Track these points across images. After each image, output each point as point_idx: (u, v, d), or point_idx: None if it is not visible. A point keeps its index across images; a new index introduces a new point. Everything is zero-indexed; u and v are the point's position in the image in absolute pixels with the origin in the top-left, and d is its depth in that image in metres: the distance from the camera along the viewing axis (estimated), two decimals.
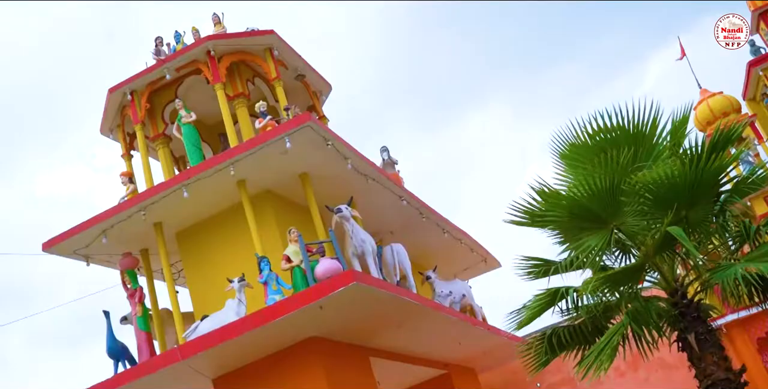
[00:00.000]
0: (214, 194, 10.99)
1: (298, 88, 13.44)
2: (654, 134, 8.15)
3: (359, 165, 11.35)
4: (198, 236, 11.68)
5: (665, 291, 8.04)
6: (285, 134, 10.11)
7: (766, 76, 16.90)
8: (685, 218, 7.48)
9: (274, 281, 10.09)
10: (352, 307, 9.88)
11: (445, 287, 13.69)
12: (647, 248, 7.69)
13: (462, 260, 16.30)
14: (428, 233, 14.29)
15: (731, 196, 7.86)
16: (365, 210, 12.17)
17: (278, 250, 10.49)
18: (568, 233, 8.04)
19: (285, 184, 11.28)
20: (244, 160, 10.40)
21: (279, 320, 9.32)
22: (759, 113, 18.13)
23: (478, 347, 14.41)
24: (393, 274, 12.21)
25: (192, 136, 11.46)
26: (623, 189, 7.45)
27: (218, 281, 10.60)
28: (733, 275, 6.95)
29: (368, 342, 11.49)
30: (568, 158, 8.49)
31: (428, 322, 11.76)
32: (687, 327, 7.75)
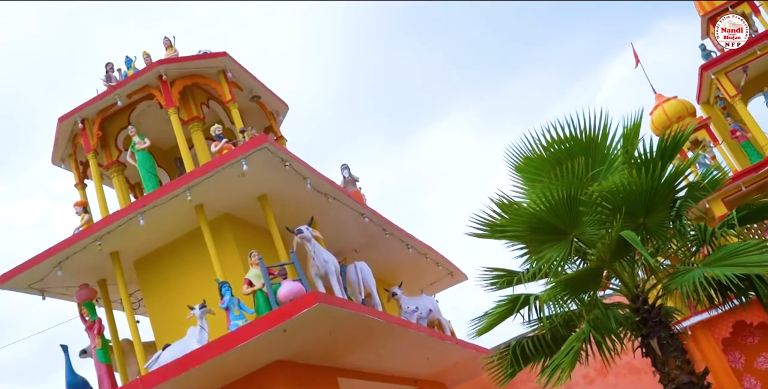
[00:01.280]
0: (171, 221, 10.99)
1: (255, 110, 13.50)
2: (606, 142, 8.35)
3: (319, 185, 11.43)
4: (157, 264, 11.64)
5: (627, 297, 8.22)
6: (242, 157, 10.14)
7: (718, 80, 17.41)
8: (643, 224, 7.66)
9: (236, 307, 10.06)
10: (317, 328, 9.93)
11: (411, 303, 13.78)
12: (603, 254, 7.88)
13: (428, 275, 16.45)
14: (393, 249, 14.42)
15: (686, 200, 8.07)
16: (327, 229, 12.27)
17: (240, 274, 10.50)
18: (529, 245, 8.17)
19: (244, 207, 11.32)
20: (201, 184, 10.42)
21: (242, 345, 9.31)
22: (713, 116, 18.66)
23: (448, 361, 14.54)
24: (358, 292, 12.30)
25: (147, 162, 11.44)
26: (581, 199, 7.61)
27: (179, 308, 10.57)
28: (691, 280, 7.13)
29: (336, 362, 11.53)
30: (525, 171, 8.66)
31: (395, 339, 11.84)
32: (649, 332, 7.91)
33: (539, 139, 8.49)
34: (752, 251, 7.30)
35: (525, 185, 8.69)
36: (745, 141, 17.61)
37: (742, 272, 7.04)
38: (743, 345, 16.29)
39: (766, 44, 17.01)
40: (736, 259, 7.26)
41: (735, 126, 17.85)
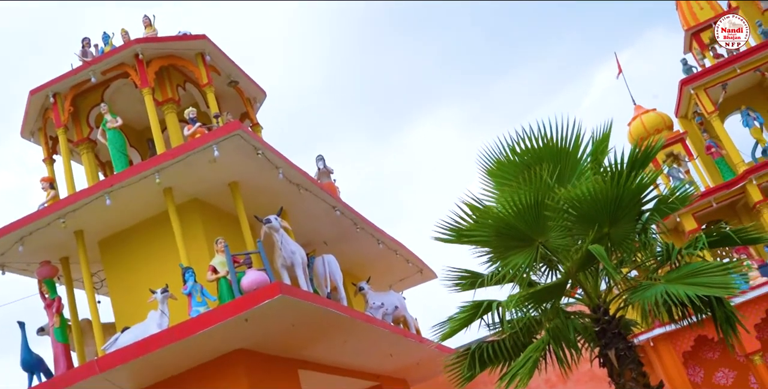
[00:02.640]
0: (139, 202, 10.75)
1: (232, 95, 13.25)
2: (578, 151, 8.26)
3: (291, 175, 11.24)
4: (122, 245, 11.39)
5: (588, 307, 8.14)
6: (213, 142, 9.95)
7: (698, 95, 17.39)
8: (607, 235, 7.58)
9: (198, 293, 9.91)
10: (279, 319, 9.80)
11: (377, 298, 13.66)
12: (570, 265, 7.75)
13: (397, 272, 16.29)
14: (363, 243, 14.26)
15: (653, 214, 8.00)
16: (298, 220, 12.09)
17: (205, 260, 10.32)
18: (495, 250, 8.05)
19: (213, 193, 11.10)
20: (171, 167, 10.20)
21: (202, 332, 9.19)
22: (690, 130, 18.69)
23: (410, 359, 14.44)
24: (324, 286, 12.15)
25: (117, 141, 11.17)
26: (548, 205, 7.50)
27: (141, 291, 10.37)
28: (653, 296, 7.08)
29: (297, 354, 11.39)
30: (495, 175, 8.55)
31: (358, 334, 11.73)
32: (607, 343, 7.83)
33: (511, 143, 8.36)
34: (715, 272, 7.28)
35: (495, 189, 8.58)
36: (720, 158, 17.66)
37: (704, 294, 6.98)
38: (704, 359, 16.37)
39: (746, 63, 17.04)
40: (698, 278, 7.22)
41: (710, 142, 17.89)
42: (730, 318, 7.63)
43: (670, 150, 18.19)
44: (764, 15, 18.34)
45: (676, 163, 18.44)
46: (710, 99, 17.25)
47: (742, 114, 17.64)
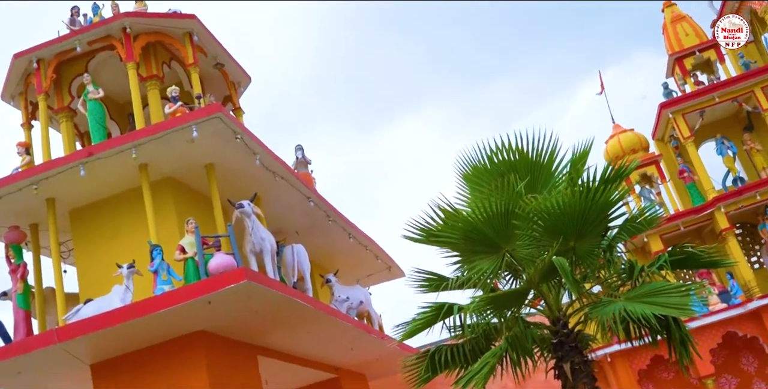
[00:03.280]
0: (113, 176, 10.53)
1: (217, 77, 13.06)
2: (552, 164, 8.20)
3: (268, 162, 11.09)
4: (93, 217, 11.14)
5: (548, 319, 8.07)
6: (193, 123, 9.80)
7: (675, 120, 17.40)
8: (573, 249, 7.50)
9: (164, 271, 9.82)
10: (243, 305, 9.68)
11: (343, 292, 13.50)
12: (534, 275, 7.67)
13: (366, 267, 16.15)
14: (334, 236, 14.12)
15: (620, 232, 7.93)
16: (271, 208, 11.93)
17: (174, 239, 10.15)
18: (463, 254, 7.99)
19: (189, 173, 10.90)
20: (149, 144, 10.02)
21: (165, 311, 9.09)
22: (665, 153, 18.70)
23: (371, 354, 14.31)
24: (291, 275, 12.03)
25: (97, 113, 10.93)
26: (517, 214, 7.43)
27: (108, 264, 10.18)
28: (611, 312, 7.01)
29: (258, 340, 11.26)
30: (470, 180, 8.46)
31: (321, 326, 11.61)
32: (564, 355, 7.77)
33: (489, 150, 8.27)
34: (674, 292, 7.22)
35: (469, 193, 8.51)
36: (691, 183, 17.69)
37: (661, 313, 6.93)
38: (658, 378, 16.41)
39: (725, 92, 17.08)
40: (657, 298, 7.16)
41: (684, 167, 17.92)
42: (685, 340, 7.61)
43: (644, 171, 18.19)
44: (747, 47, 18.43)
45: (648, 184, 18.45)
46: (687, 124, 17.26)
47: (716, 142, 17.68)
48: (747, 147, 17.49)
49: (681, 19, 18.53)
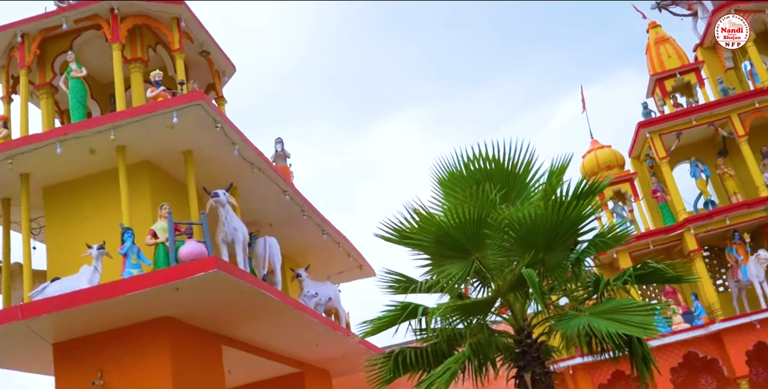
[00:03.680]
0: (90, 155, 10.34)
1: (202, 65, 12.89)
2: (527, 175, 8.16)
3: (246, 153, 10.97)
4: (66, 195, 10.93)
5: (513, 328, 8.02)
6: (174, 108, 9.66)
7: (652, 139, 17.47)
8: (542, 260, 7.45)
9: (134, 255, 9.67)
10: (211, 294, 9.58)
11: (313, 287, 13.40)
12: (502, 284, 7.63)
13: (338, 264, 16.06)
14: (308, 231, 14.01)
15: (589, 247, 7.90)
16: (246, 199, 11.82)
17: (147, 223, 10.02)
18: (433, 257, 7.91)
19: (167, 158, 10.75)
20: (128, 126, 9.85)
21: (132, 295, 9.00)
22: (640, 172, 18.77)
23: (336, 351, 14.22)
24: (261, 267, 11.92)
25: (79, 91, 10.73)
26: (489, 223, 7.38)
27: (78, 244, 10.01)
28: (575, 327, 6.99)
29: (224, 330, 11.15)
30: (446, 185, 8.38)
31: (288, 320, 11.52)
32: (525, 365, 7.69)
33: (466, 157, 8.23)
34: (638, 310, 7.18)
35: (443, 198, 8.45)
36: (663, 203, 17.75)
37: (624, 332, 6.90)
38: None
39: (702, 116, 17.16)
40: (621, 315, 7.11)
41: (657, 186, 17.99)
42: (646, 357, 7.57)
43: (618, 188, 18.24)
44: (726, 73, 18.61)
45: (621, 201, 18.51)
46: (663, 145, 17.34)
47: (691, 164, 17.77)
48: (720, 171, 17.60)
49: (664, 40, 18.62)
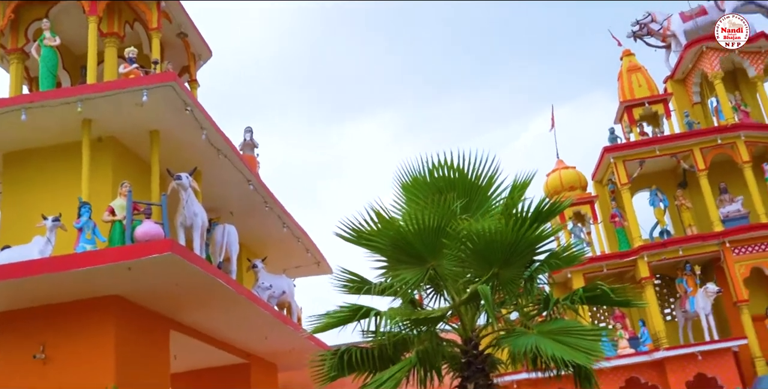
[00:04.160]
0: (55, 126, 10.05)
1: (178, 47, 12.67)
2: (489, 188, 8.09)
3: (214, 138, 10.76)
4: (26, 163, 10.61)
5: (461, 338, 7.95)
6: (145, 87, 9.44)
7: (615, 165, 17.63)
8: (496, 275, 7.36)
9: (90, 230, 9.44)
10: (164, 276, 9.40)
11: (268, 279, 13.22)
12: (454, 294, 7.59)
13: (296, 258, 15.86)
14: (268, 222, 13.80)
15: (543, 265, 7.85)
16: (209, 184, 11.60)
17: (105, 200, 9.75)
18: (389, 261, 7.79)
19: (132, 136, 10.49)
20: (96, 100, 9.59)
21: (83, 270, 8.78)
22: (601, 195, 18.92)
23: (285, 345, 14.04)
24: (218, 254, 11.72)
25: (50, 60, 10.44)
26: (448, 232, 7.29)
27: (33, 214, 9.74)
28: (522, 345, 6.94)
29: (173, 314, 10.94)
30: (408, 190, 8.26)
31: (239, 310, 11.35)
32: (470, 376, 7.59)
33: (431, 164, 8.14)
34: (587, 335, 7.14)
35: (405, 203, 8.34)
36: (621, 228, 17.88)
37: (570, 358, 6.81)
38: None
39: (666, 147, 17.38)
40: (569, 338, 7.07)
41: (616, 211, 18.13)
42: (590, 378, 7.47)
43: (579, 209, 18.37)
44: (693, 107, 18.89)
45: (580, 222, 18.64)
46: (626, 171, 17.49)
47: (651, 193, 17.94)
48: (678, 203, 17.81)
49: (637, 69, 18.86)
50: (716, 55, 17.75)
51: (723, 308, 16.80)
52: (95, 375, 9.07)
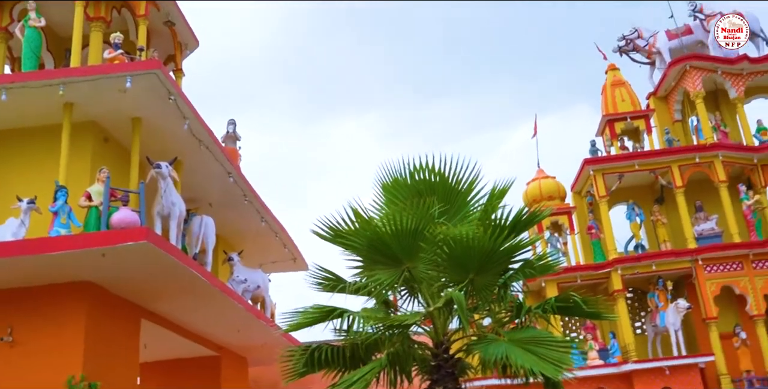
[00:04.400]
0: (36, 108, 9.84)
1: (165, 35, 12.43)
2: (469, 194, 8.07)
3: (197, 129, 10.58)
4: (4, 144, 10.38)
5: (432, 341, 7.89)
6: (129, 73, 9.27)
7: (595, 178, 17.68)
8: (471, 281, 7.34)
9: (65, 214, 9.22)
10: (138, 265, 9.23)
11: (243, 273, 13.08)
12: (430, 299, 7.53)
13: (272, 253, 15.68)
14: (247, 216, 13.64)
15: (517, 273, 7.82)
16: (189, 175, 11.43)
17: (83, 185, 9.57)
18: (365, 261, 7.73)
19: (114, 122, 10.30)
20: (79, 84, 9.39)
21: (56, 254, 8.60)
22: (579, 206, 18.98)
23: (257, 340, 13.87)
24: (194, 245, 11.56)
25: (34, 41, 10.21)
26: (425, 236, 7.25)
27: (9, 195, 9.54)
28: (493, 353, 6.91)
29: (145, 303, 10.75)
30: (389, 191, 8.22)
31: (213, 302, 11.17)
32: (439, 379, 7.57)
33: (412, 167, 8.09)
34: (557, 346, 7.11)
35: (384, 203, 8.27)
36: (596, 240, 17.94)
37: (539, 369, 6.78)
38: None
39: (645, 162, 17.48)
40: (540, 348, 7.03)
41: (593, 223, 18.18)
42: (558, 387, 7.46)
43: (556, 219, 18.41)
44: (674, 124, 19.01)
45: (557, 232, 18.67)
46: (605, 184, 17.56)
47: (628, 207, 18.04)
48: (654, 218, 17.90)
49: (621, 84, 18.97)
50: (699, 75, 17.89)
51: (692, 324, 16.89)
52: (63, 360, 8.88)
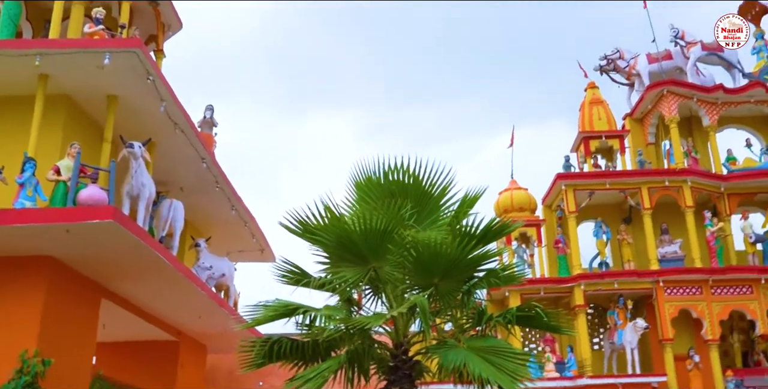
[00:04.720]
0: (9, 77, 9.56)
1: (149, 14, 12.18)
2: (441, 198, 7.96)
3: (173, 111, 10.37)
4: None
5: (392, 341, 7.78)
6: (108, 50, 9.02)
7: (566, 192, 17.67)
8: (435, 285, 7.27)
9: (32, 187, 8.97)
10: (102, 244, 9.02)
11: (209, 260, 12.88)
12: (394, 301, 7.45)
13: (240, 242, 15.49)
14: (217, 203, 13.43)
15: (481, 281, 7.74)
16: (162, 158, 11.19)
17: (52, 158, 9.31)
18: (332, 257, 7.60)
19: (89, 97, 10.03)
20: (57, 57, 9.13)
21: (18, 226, 8.38)
22: (548, 220, 18.97)
23: (217, 327, 13.66)
24: (161, 228, 11.32)
25: (12, 9, 9.92)
26: (394, 238, 7.16)
27: None
28: (452, 361, 6.83)
29: (107, 282, 10.52)
30: (361, 189, 8.08)
31: (176, 287, 11.01)
32: (396, 380, 7.48)
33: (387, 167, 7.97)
34: (515, 358, 7.01)
35: (355, 201, 8.13)
36: (563, 254, 17.89)
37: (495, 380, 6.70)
38: None
39: (616, 182, 17.50)
40: (497, 358, 6.95)
41: (561, 237, 18.15)
42: None
43: (525, 231, 18.38)
44: (647, 147, 19.11)
45: (525, 243, 18.65)
46: (575, 200, 17.53)
47: (596, 224, 18.03)
48: (620, 237, 17.92)
49: (598, 102, 19.01)
50: (675, 100, 18.00)
51: (648, 344, 16.93)
52: (17, 334, 8.65)
